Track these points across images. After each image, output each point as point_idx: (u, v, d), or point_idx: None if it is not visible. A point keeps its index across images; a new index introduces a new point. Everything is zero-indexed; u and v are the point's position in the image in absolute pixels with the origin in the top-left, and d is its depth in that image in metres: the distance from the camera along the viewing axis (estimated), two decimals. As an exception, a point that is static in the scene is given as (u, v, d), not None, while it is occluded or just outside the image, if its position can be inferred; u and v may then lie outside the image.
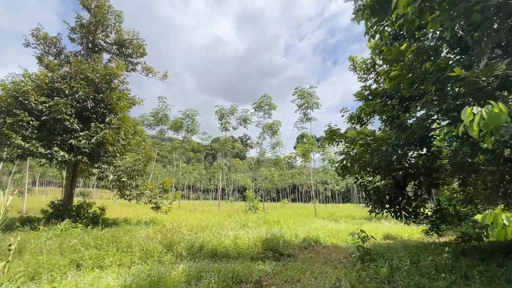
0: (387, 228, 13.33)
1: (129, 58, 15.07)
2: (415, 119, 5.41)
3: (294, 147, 46.43)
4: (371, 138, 5.83)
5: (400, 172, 7.11)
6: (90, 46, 13.56)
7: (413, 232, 12.48)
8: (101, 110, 11.57)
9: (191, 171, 56.32)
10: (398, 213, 8.17)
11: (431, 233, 9.48)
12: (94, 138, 10.26)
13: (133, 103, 14.81)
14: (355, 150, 6.14)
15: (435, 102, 4.82)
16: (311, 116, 21.64)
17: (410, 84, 5.57)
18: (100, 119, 11.57)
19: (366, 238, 6.52)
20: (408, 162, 6.55)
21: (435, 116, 5.42)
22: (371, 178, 8.45)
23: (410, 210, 7.82)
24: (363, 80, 9.41)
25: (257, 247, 7.60)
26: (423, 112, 5.55)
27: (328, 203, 58.80)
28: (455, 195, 10.79)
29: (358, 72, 10.27)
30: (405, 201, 7.82)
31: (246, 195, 25.27)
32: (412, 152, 6.50)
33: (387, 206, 8.09)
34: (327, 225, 13.52)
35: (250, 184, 66.27)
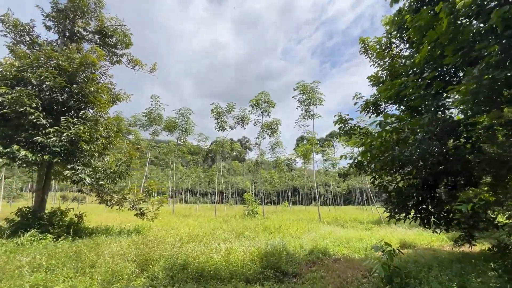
0: (401, 234, 11.84)
1: (113, 49, 13.65)
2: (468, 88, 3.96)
3: (294, 149, 44.99)
4: (404, 122, 4.39)
5: (430, 168, 5.66)
6: (68, 35, 12.16)
7: (432, 239, 11.02)
8: (76, 103, 10.13)
9: (188, 174, 54.71)
10: (425, 220, 6.75)
11: (462, 242, 7.99)
12: (65, 134, 8.83)
13: (118, 98, 13.37)
14: (379, 140, 4.72)
15: (501, 66, 3.42)
16: (314, 113, 20.23)
17: (455, 48, 4.17)
18: (75, 114, 10.14)
19: (393, 253, 5.06)
20: (445, 155, 5.11)
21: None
22: (390, 178, 7.04)
23: (442, 215, 6.39)
24: (380, 59, 7.98)
25: (254, 264, 6.14)
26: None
27: (329, 205, 57.19)
28: (482, 196, 9.38)
29: (370, 55, 8.91)
30: (435, 204, 6.39)
31: (245, 198, 23.81)
32: (450, 142, 5.09)
33: (412, 210, 6.67)
34: (335, 232, 12.04)
35: (249, 187, 64.70)
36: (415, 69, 5.85)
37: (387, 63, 7.29)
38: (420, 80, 4.65)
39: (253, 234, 10.35)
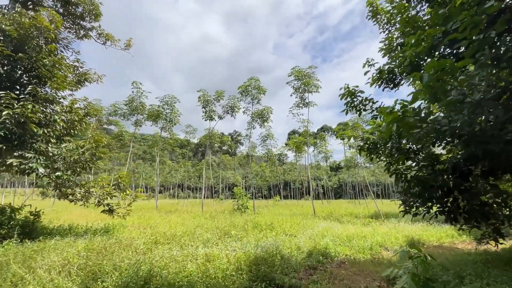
0: (406, 230, 10.71)
1: (80, 21, 11.78)
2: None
3: (286, 144, 43.76)
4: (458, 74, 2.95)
5: (475, 147, 4.34)
6: (21, 0, 10.22)
7: (440, 235, 9.92)
8: (26, 78, 8.37)
9: (177, 168, 52.74)
10: (452, 215, 5.50)
11: (488, 240, 6.84)
12: (5, 113, 7.09)
13: (86, 78, 11.55)
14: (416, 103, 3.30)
15: None
16: (309, 101, 18.81)
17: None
18: (24, 91, 8.37)
19: (426, 262, 3.73)
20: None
21: None
22: (409, 163, 5.74)
23: (475, 208, 5.15)
24: (391, 24, 6.62)
25: (240, 275, 4.72)
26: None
27: (321, 199, 56.63)
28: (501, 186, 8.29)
29: (379, 20, 7.52)
30: (467, 195, 5.13)
31: (235, 192, 22.41)
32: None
33: (438, 204, 5.40)
34: (333, 228, 10.78)
35: (240, 181, 63.34)
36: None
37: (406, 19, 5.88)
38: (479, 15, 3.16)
39: (241, 233, 8.93)
